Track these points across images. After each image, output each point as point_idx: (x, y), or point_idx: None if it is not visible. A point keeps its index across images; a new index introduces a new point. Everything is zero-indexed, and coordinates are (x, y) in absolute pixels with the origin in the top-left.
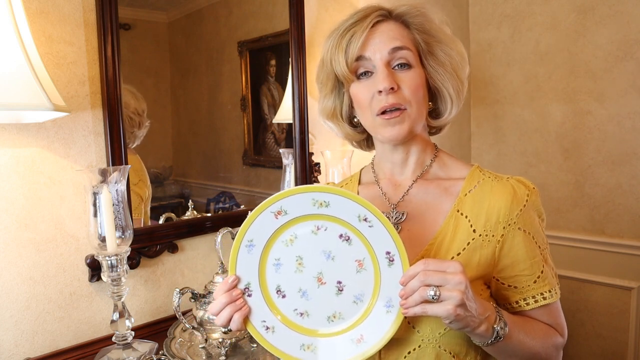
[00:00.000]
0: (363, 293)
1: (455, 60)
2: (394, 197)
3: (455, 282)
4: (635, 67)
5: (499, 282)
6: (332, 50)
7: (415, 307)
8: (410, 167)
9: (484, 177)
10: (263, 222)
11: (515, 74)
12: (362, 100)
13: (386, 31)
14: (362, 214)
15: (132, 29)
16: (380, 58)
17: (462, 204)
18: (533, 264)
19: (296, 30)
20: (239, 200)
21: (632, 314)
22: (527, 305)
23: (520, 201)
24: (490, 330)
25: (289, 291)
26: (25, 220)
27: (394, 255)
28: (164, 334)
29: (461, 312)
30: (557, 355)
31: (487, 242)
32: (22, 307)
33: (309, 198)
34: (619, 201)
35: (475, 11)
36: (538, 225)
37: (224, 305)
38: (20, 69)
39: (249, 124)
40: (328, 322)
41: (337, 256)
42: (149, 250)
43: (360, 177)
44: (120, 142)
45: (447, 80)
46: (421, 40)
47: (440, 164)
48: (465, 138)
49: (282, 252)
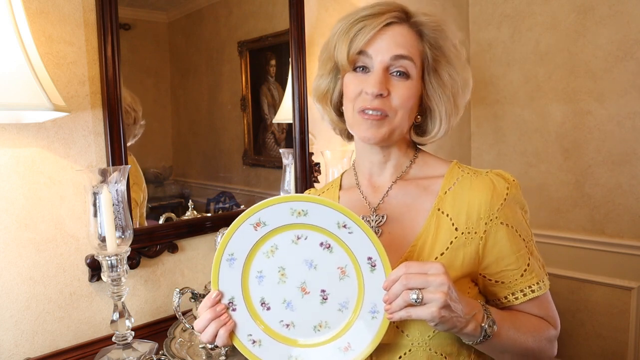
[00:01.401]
0: (347, 300)
1: (457, 85)
2: (373, 200)
3: (437, 283)
4: (635, 67)
5: (486, 278)
6: (339, 35)
7: (400, 311)
8: (388, 169)
9: (462, 174)
10: (242, 234)
11: (515, 74)
12: (350, 93)
13: (396, 35)
14: (341, 221)
15: (132, 29)
16: (381, 61)
17: (443, 202)
18: (519, 257)
19: (296, 30)
20: (239, 200)
21: (632, 314)
22: (516, 300)
23: (501, 195)
24: (478, 329)
25: (273, 303)
26: (25, 220)
27: (375, 261)
28: (164, 334)
29: (445, 314)
30: (551, 347)
31: (470, 240)
32: (22, 307)
33: (287, 208)
34: (619, 201)
35: (475, 11)
36: (521, 217)
37: (208, 322)
38: (20, 69)
39: (249, 124)
40: (314, 332)
41: (319, 265)
42: (149, 250)
43: (341, 181)
44: (120, 142)
45: (441, 102)
46: (430, 55)
47: (420, 164)
48: (465, 138)
49: (264, 264)
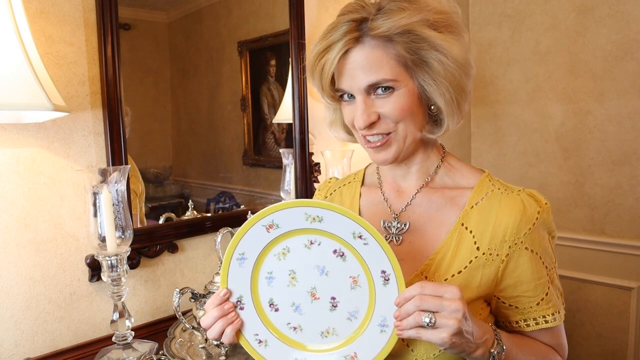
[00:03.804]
0: (357, 310)
1: (451, 69)
2: (396, 205)
3: (452, 309)
4: (635, 67)
5: (500, 300)
6: (309, 76)
7: (410, 330)
8: (413, 175)
9: (493, 189)
10: (254, 235)
11: (515, 74)
12: (348, 123)
13: (359, 61)
14: (357, 231)
15: (132, 29)
16: (358, 90)
17: (468, 217)
18: (538, 285)
19: (296, 30)
20: (239, 200)
21: (632, 314)
22: (527, 327)
23: (530, 219)
24: (486, 354)
25: (281, 305)
26: (25, 220)
27: (389, 275)
28: (164, 334)
29: (456, 340)
30: None
31: (491, 261)
32: (22, 307)
33: (301, 212)
34: (619, 201)
35: (475, 11)
36: (547, 244)
37: (215, 319)
38: (20, 69)
39: (249, 124)
40: (321, 338)
41: (331, 272)
42: (149, 250)
43: (364, 176)
44: (120, 142)
45: (440, 92)
46: (407, 50)
47: (447, 169)
48: (465, 138)
49: (275, 265)
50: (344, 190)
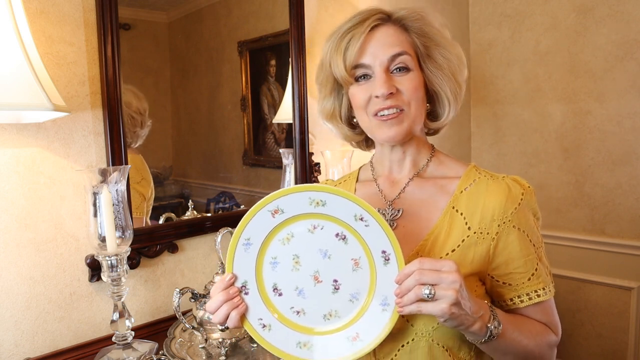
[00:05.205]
0: (359, 291)
1: (453, 64)
2: (390, 194)
3: (449, 280)
4: (635, 67)
5: (494, 279)
6: (331, 53)
7: (411, 305)
8: (407, 165)
9: (479, 176)
10: (260, 220)
11: (515, 74)
12: (360, 102)
13: (385, 36)
14: (359, 213)
15: (132, 29)
16: (380, 64)
17: (458, 201)
18: (527, 261)
19: (296, 30)
20: (239, 200)
21: (632, 314)
22: (521, 303)
23: (515, 199)
24: (484, 329)
25: (285, 289)
26: (25, 220)
27: (389, 255)
28: (164, 334)
29: (455, 311)
30: (550, 353)
31: (482, 240)
32: (22, 307)
33: (305, 197)
34: (619, 201)
35: (475, 11)
36: (533, 224)
37: (221, 303)
38: (20, 69)
39: (249, 124)
40: (324, 320)
41: (333, 255)
42: (149, 250)
43: (358, 175)
44: (120, 142)
45: (444, 83)
46: (420, 43)
47: (437, 163)
48: (465, 138)
49: (279, 250)
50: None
